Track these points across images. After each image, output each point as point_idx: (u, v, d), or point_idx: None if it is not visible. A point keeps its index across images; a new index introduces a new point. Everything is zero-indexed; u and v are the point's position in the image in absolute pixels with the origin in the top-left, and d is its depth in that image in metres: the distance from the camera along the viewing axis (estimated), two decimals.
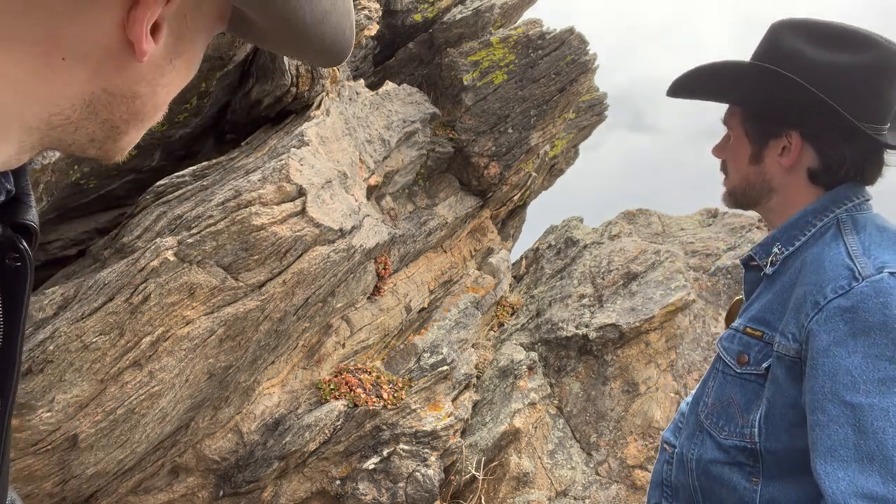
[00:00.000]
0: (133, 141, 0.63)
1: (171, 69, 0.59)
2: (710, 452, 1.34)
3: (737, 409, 1.31)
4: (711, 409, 1.36)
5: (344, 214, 3.60)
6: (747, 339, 1.32)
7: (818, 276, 1.20)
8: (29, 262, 0.62)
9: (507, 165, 5.63)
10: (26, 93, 0.53)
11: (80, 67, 0.54)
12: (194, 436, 3.61)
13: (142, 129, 0.62)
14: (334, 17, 0.62)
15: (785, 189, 1.39)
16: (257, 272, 3.17)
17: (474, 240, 6.10)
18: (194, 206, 3.09)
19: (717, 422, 1.34)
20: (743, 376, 1.31)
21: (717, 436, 1.33)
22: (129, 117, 0.59)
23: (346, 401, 4.13)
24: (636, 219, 6.71)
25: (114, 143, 0.61)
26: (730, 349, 1.35)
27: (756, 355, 1.29)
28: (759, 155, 1.40)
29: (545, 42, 5.58)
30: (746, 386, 1.30)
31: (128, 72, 0.56)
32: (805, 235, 1.34)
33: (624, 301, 5.28)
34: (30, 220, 0.63)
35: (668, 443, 1.51)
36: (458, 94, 5.43)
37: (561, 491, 4.68)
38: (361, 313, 4.59)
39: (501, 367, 5.17)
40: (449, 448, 4.43)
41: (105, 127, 0.59)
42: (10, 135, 0.55)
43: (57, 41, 0.52)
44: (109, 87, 0.57)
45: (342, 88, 4.31)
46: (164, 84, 0.60)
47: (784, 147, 1.37)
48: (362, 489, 4.11)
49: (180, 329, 3.01)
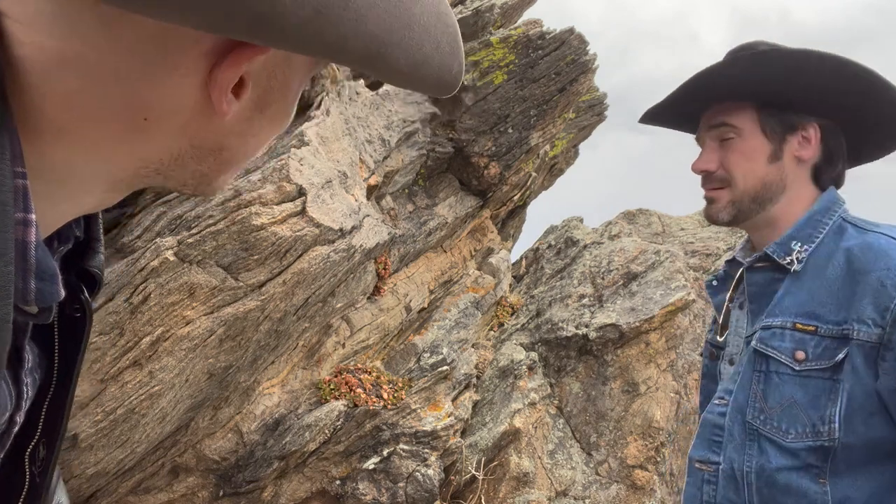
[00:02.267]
0: (226, 182, 0.62)
1: (260, 119, 0.58)
2: (776, 460, 1.27)
3: (800, 410, 1.26)
4: (770, 414, 1.29)
5: (344, 214, 3.60)
6: (800, 336, 1.28)
7: (886, 261, 1.22)
8: (88, 311, 0.62)
9: (507, 165, 5.63)
10: (112, 154, 0.53)
11: (164, 127, 0.53)
12: (194, 436, 3.61)
13: (234, 173, 0.62)
14: (437, 59, 0.56)
15: (793, 187, 1.40)
16: (257, 272, 3.17)
17: (474, 240, 6.10)
18: (194, 206, 3.10)
19: (779, 426, 1.27)
20: (803, 374, 1.26)
21: (782, 441, 1.27)
22: (219, 167, 0.59)
23: (346, 401, 4.13)
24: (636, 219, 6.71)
25: (207, 187, 0.61)
26: (782, 348, 1.29)
27: (815, 350, 1.26)
28: (779, 151, 1.38)
29: (545, 42, 5.58)
30: (808, 383, 1.26)
31: (214, 127, 0.55)
32: (821, 233, 1.35)
33: (624, 301, 5.28)
34: (94, 268, 0.63)
35: (703, 461, 1.39)
36: (458, 94, 5.43)
37: (561, 491, 4.68)
38: (361, 313, 4.59)
39: (501, 367, 5.17)
40: (449, 448, 4.43)
41: (195, 176, 0.58)
42: (100, 187, 0.55)
43: (139, 107, 0.51)
44: (196, 142, 0.56)
45: (342, 88, 4.31)
46: (253, 134, 0.58)
47: (800, 140, 1.38)
48: (362, 489, 4.11)
49: (180, 329, 3.01)
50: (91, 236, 0.65)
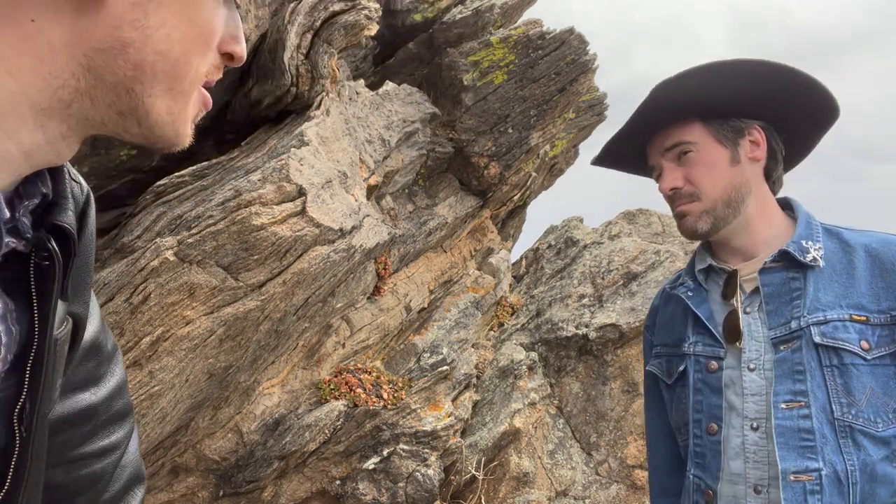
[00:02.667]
0: (166, 108, 0.60)
1: (155, 8, 0.56)
2: (875, 452, 1.28)
3: (878, 398, 1.29)
4: (860, 407, 1.29)
5: (344, 214, 3.60)
6: (861, 327, 1.31)
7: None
8: (57, 260, 0.64)
9: (507, 165, 5.63)
10: (18, 68, 0.53)
11: (53, 27, 0.53)
12: (194, 436, 3.61)
13: (168, 91, 0.59)
14: None
15: (756, 187, 1.48)
16: (257, 272, 3.17)
17: (474, 240, 6.10)
18: (194, 206, 3.09)
19: (870, 417, 1.29)
20: (872, 362, 1.30)
21: (875, 431, 1.28)
22: (135, 72, 0.57)
23: (346, 401, 4.13)
24: (636, 219, 6.71)
25: (148, 114, 0.59)
26: (851, 339, 1.31)
27: (874, 338, 1.31)
28: (736, 155, 1.45)
29: (545, 42, 5.58)
30: (877, 371, 1.30)
31: (102, 20, 0.54)
32: (819, 233, 1.43)
33: (624, 301, 5.28)
34: (63, 222, 0.64)
35: (801, 472, 1.30)
36: (458, 94, 5.43)
37: (561, 491, 4.68)
38: (361, 313, 4.59)
39: (501, 367, 5.17)
40: (449, 448, 4.43)
41: (120, 92, 0.57)
42: (25, 117, 0.55)
43: (22, 8, 0.52)
44: (96, 43, 0.55)
45: (342, 88, 4.31)
46: (154, 25, 0.56)
47: (751, 143, 1.47)
48: (362, 489, 4.11)
49: (180, 329, 3.01)
50: (58, 193, 0.66)
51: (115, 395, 0.89)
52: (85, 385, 0.85)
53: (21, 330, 0.65)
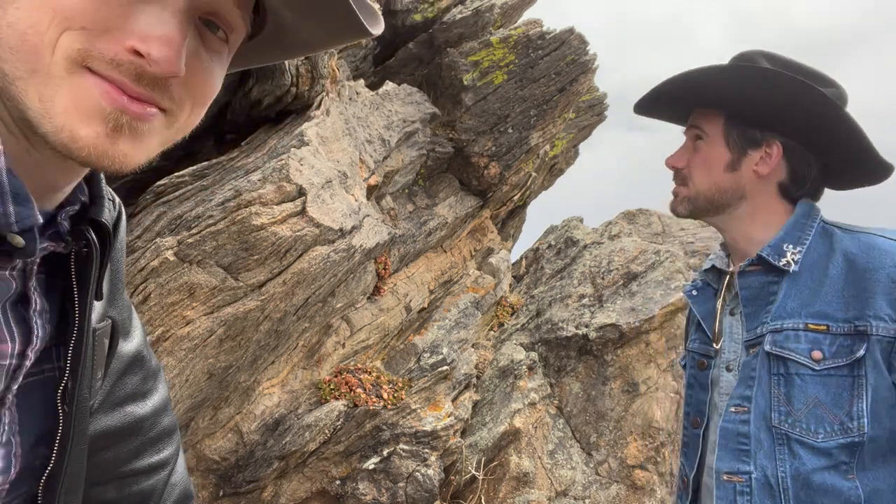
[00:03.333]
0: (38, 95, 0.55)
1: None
2: (811, 461, 1.27)
3: (825, 409, 1.27)
4: (797, 416, 1.29)
5: (344, 214, 3.60)
6: (814, 336, 1.30)
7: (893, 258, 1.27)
8: (95, 249, 0.69)
9: (507, 165, 5.63)
10: None
11: None
12: (194, 436, 3.61)
13: (32, 73, 0.54)
14: None
15: (755, 197, 1.45)
16: (257, 272, 3.17)
17: (474, 240, 6.10)
18: (194, 206, 3.09)
19: (810, 427, 1.28)
20: (823, 373, 1.28)
21: (814, 441, 1.27)
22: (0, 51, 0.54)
23: (346, 401, 4.13)
24: (636, 219, 6.71)
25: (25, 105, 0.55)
26: (799, 349, 1.31)
27: (830, 348, 1.28)
28: (736, 162, 1.45)
29: (545, 42, 5.58)
30: (829, 381, 1.28)
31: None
32: (809, 236, 1.39)
33: (624, 301, 5.28)
34: (99, 217, 0.70)
35: (732, 472, 1.36)
36: (458, 94, 5.43)
37: (561, 491, 4.68)
38: (361, 313, 4.59)
39: (501, 367, 5.17)
40: (449, 448, 4.43)
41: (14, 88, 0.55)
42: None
43: None
44: None
45: (342, 88, 4.31)
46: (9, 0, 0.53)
47: (763, 156, 1.44)
48: (362, 489, 4.11)
49: (180, 329, 3.01)
50: (95, 194, 0.72)
51: (161, 410, 0.93)
52: (133, 398, 0.89)
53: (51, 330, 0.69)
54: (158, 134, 0.62)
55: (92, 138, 0.56)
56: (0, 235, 0.58)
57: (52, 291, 0.70)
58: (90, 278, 0.70)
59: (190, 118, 0.65)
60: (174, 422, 0.97)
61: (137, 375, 0.91)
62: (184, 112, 0.63)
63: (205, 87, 0.64)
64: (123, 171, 0.60)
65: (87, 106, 0.56)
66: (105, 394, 0.87)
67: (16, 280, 0.64)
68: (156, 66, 0.56)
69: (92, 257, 0.69)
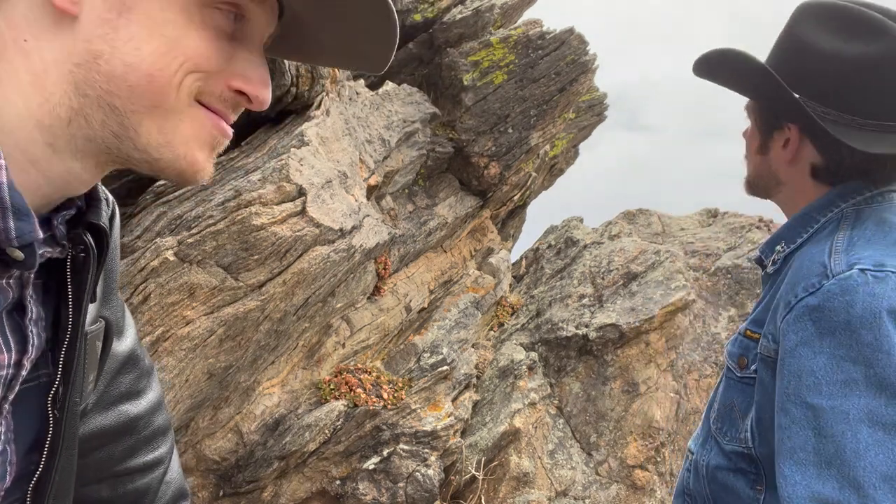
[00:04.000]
0: (157, 128, 0.63)
1: (125, 24, 0.60)
2: (716, 459, 1.31)
3: (738, 414, 1.28)
4: (717, 415, 1.33)
5: (344, 214, 3.60)
6: (747, 342, 1.28)
7: (796, 274, 1.16)
8: (92, 252, 0.71)
9: (507, 165, 5.63)
10: (20, 85, 0.60)
11: (42, 45, 0.59)
12: (194, 436, 3.61)
13: (153, 109, 0.62)
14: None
15: (791, 182, 1.33)
16: (257, 272, 3.17)
17: (474, 240, 6.10)
18: (194, 206, 3.09)
19: (721, 427, 1.32)
20: (742, 380, 1.28)
21: (721, 441, 1.31)
22: (109, 85, 0.60)
23: (346, 401, 4.13)
24: (636, 219, 6.71)
25: (137, 134, 0.62)
26: (732, 353, 1.32)
27: (753, 358, 1.25)
28: (765, 146, 1.35)
29: (545, 42, 5.58)
30: (746, 390, 1.27)
31: (77, 34, 0.59)
32: (808, 232, 1.27)
33: (624, 301, 5.28)
34: (96, 220, 0.72)
35: (690, 450, 1.46)
36: (458, 94, 5.43)
37: (561, 491, 4.68)
38: (361, 313, 4.59)
39: (501, 367, 5.17)
40: (449, 448, 4.43)
41: (104, 108, 0.61)
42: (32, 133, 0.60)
43: (14, 25, 0.59)
44: (75, 58, 0.60)
45: (342, 88, 4.31)
46: (123, 38, 0.60)
47: (786, 140, 1.32)
48: (362, 489, 4.11)
49: (180, 329, 3.01)
50: (91, 197, 0.73)
51: (154, 409, 0.95)
52: (127, 397, 0.91)
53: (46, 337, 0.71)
54: None
55: (203, 161, 0.67)
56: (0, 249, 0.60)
57: (47, 295, 0.70)
58: (86, 283, 0.71)
59: None
60: (168, 420, 0.98)
61: (131, 374, 0.92)
62: None
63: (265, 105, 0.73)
64: (206, 182, 0.70)
65: (203, 135, 0.66)
66: (99, 394, 0.88)
67: (12, 289, 0.65)
68: (257, 105, 0.68)
69: (89, 262, 0.71)
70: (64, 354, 0.71)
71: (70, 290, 0.70)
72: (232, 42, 0.65)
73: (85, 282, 0.71)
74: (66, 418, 0.73)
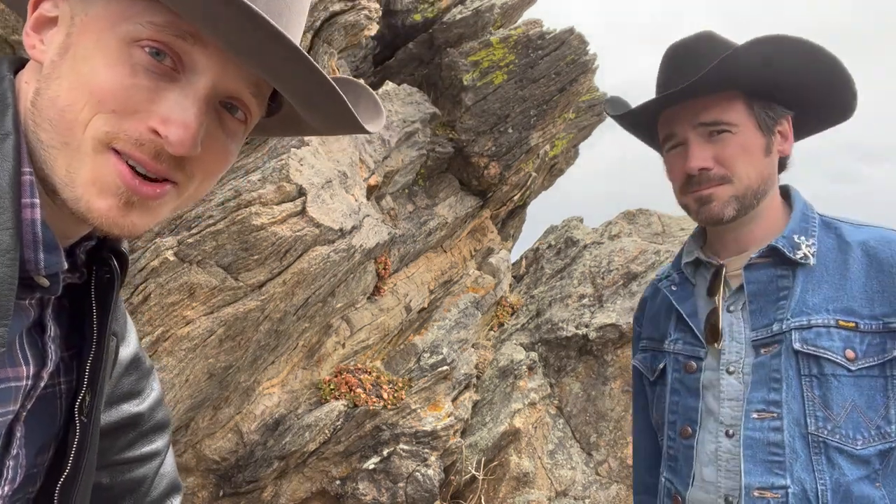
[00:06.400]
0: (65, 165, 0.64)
1: (60, 63, 0.64)
2: (851, 471, 1.17)
3: (861, 413, 1.18)
4: (837, 422, 1.18)
5: (344, 214, 3.60)
6: (845, 333, 1.19)
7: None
8: (116, 275, 0.77)
9: (507, 165, 5.63)
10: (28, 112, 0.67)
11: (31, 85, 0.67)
12: (194, 436, 3.61)
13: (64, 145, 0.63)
14: None
15: (774, 181, 1.35)
16: (257, 272, 3.17)
17: (474, 240, 6.10)
18: (194, 206, 3.09)
19: (848, 433, 1.18)
20: (857, 373, 1.18)
21: (853, 449, 1.17)
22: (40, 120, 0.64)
23: (346, 401, 4.13)
24: (636, 219, 6.71)
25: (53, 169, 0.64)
26: (834, 347, 1.19)
27: (860, 347, 1.18)
28: (770, 145, 1.32)
29: (545, 42, 5.58)
30: (862, 383, 1.18)
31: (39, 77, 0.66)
32: (815, 227, 1.30)
33: (624, 301, 5.28)
34: (119, 247, 0.78)
35: (765, 487, 1.21)
36: (458, 94, 5.43)
37: (561, 491, 4.68)
38: (361, 313, 4.59)
39: (501, 367, 5.17)
40: (449, 448, 4.43)
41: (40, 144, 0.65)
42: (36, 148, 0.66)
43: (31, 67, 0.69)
44: (31, 98, 0.66)
45: None
46: (55, 77, 0.64)
47: (780, 132, 1.33)
48: (362, 489, 4.11)
49: (180, 329, 3.01)
50: None
51: (155, 407, 1.01)
52: (129, 397, 0.96)
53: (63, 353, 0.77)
54: (168, 204, 0.69)
55: (104, 210, 0.64)
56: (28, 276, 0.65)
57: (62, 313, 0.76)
58: (111, 302, 0.78)
59: (199, 189, 0.72)
60: (167, 416, 1.03)
61: (133, 376, 0.97)
62: (194, 184, 0.70)
63: (217, 164, 0.71)
64: (132, 237, 0.69)
65: (104, 182, 0.63)
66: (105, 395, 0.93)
67: (34, 308, 0.70)
68: (171, 148, 0.63)
69: (113, 283, 0.77)
70: (90, 366, 0.77)
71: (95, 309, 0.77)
72: (161, 83, 0.63)
73: (110, 301, 0.77)
74: (93, 423, 0.79)
